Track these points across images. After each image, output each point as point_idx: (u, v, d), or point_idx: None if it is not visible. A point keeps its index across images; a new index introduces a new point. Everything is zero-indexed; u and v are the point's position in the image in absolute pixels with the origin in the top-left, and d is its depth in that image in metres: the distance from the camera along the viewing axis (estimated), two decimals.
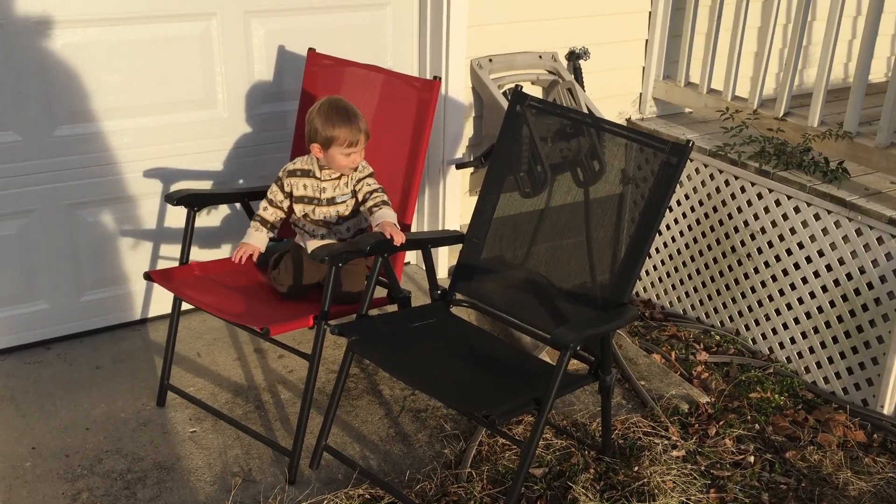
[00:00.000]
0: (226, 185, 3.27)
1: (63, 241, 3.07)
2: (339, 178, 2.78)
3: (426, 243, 2.82)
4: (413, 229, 3.20)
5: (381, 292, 2.78)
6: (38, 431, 2.74)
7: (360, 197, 2.78)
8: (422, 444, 2.78)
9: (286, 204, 2.85)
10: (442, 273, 3.63)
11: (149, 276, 2.77)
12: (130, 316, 3.30)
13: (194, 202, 2.83)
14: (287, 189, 2.83)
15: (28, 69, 2.81)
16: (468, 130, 3.64)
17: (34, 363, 3.07)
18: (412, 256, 3.78)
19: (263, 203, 2.85)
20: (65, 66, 2.87)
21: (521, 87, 2.76)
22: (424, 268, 2.82)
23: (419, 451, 2.75)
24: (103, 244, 3.15)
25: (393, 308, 2.81)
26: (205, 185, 3.22)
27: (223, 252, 3.36)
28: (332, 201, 2.79)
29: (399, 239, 2.59)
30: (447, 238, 2.97)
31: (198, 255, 3.27)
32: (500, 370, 2.58)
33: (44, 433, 2.73)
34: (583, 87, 3.71)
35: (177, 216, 3.24)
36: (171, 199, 2.81)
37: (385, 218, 2.67)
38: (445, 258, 3.70)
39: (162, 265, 3.25)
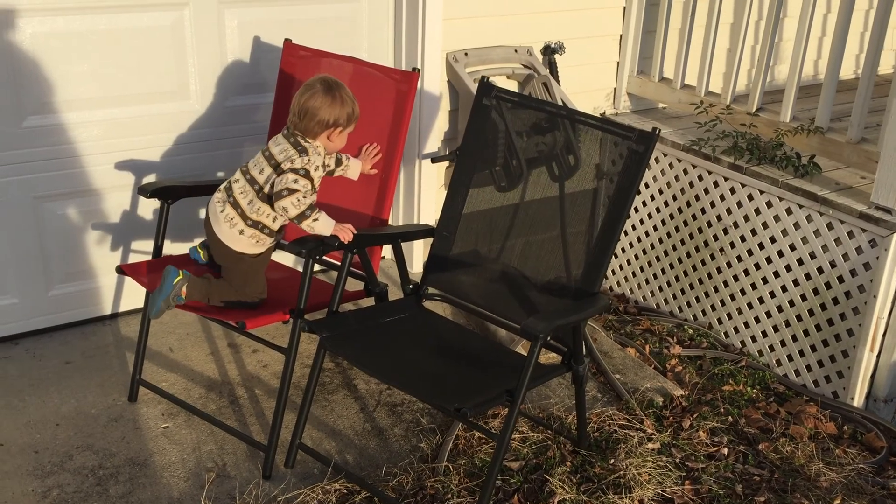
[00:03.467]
0: (199, 177, 3.22)
1: (31, 235, 3.01)
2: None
3: (396, 238, 2.80)
4: (389, 223, 3.18)
5: (356, 286, 2.77)
6: (5, 428, 2.68)
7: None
8: (398, 438, 2.77)
9: None
10: (417, 268, 3.62)
11: (121, 270, 2.72)
12: (101, 310, 3.24)
13: (168, 195, 2.79)
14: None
15: None
16: (443, 124, 3.63)
17: (1, 358, 3.01)
18: (386, 251, 3.76)
19: (304, 193, 2.54)
20: (33, 55, 2.81)
21: (488, 78, 2.75)
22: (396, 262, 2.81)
23: (395, 446, 2.73)
24: (73, 237, 3.10)
25: (370, 302, 2.79)
26: (178, 178, 3.17)
27: (194, 244, 3.32)
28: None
29: (345, 237, 2.55)
30: (418, 232, 2.96)
31: (171, 248, 3.22)
32: (472, 363, 2.58)
33: (11, 429, 2.68)
34: (558, 81, 3.71)
35: (149, 209, 3.20)
36: (145, 191, 2.77)
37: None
38: (421, 253, 3.69)
39: (134, 259, 3.20)
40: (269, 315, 2.57)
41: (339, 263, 2.93)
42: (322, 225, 2.55)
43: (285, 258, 3.31)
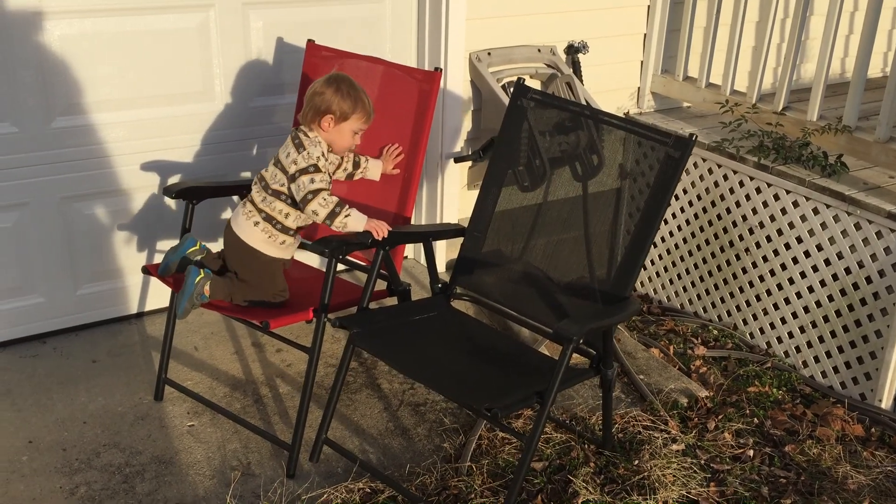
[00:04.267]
0: (224, 177, 3.25)
1: (59, 235, 3.05)
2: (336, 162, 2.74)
3: (427, 236, 2.81)
4: (412, 223, 3.18)
5: (378, 284, 2.77)
6: (34, 425, 2.72)
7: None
8: (421, 437, 2.77)
9: None
10: (441, 268, 3.62)
11: (147, 270, 2.75)
12: (127, 310, 3.27)
13: (193, 195, 2.81)
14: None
15: (25, 60, 2.79)
16: (466, 124, 3.63)
17: (29, 357, 3.05)
18: (409, 250, 3.76)
19: (329, 191, 2.55)
20: (62, 57, 2.85)
21: (524, 79, 2.75)
22: (425, 261, 2.81)
23: (419, 445, 2.74)
24: (99, 237, 3.13)
25: (392, 301, 2.80)
26: (202, 179, 3.20)
27: (220, 245, 3.34)
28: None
29: (380, 234, 2.56)
30: (448, 231, 2.96)
31: None
32: (500, 363, 2.57)
33: (40, 427, 2.71)
34: (581, 81, 3.70)
35: (174, 209, 3.22)
36: (170, 192, 2.79)
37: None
38: (443, 252, 3.69)
39: (159, 259, 3.22)
40: (293, 314, 2.58)
41: (362, 263, 2.95)
42: (354, 221, 2.54)
43: (309, 258, 3.32)
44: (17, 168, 2.89)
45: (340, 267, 2.77)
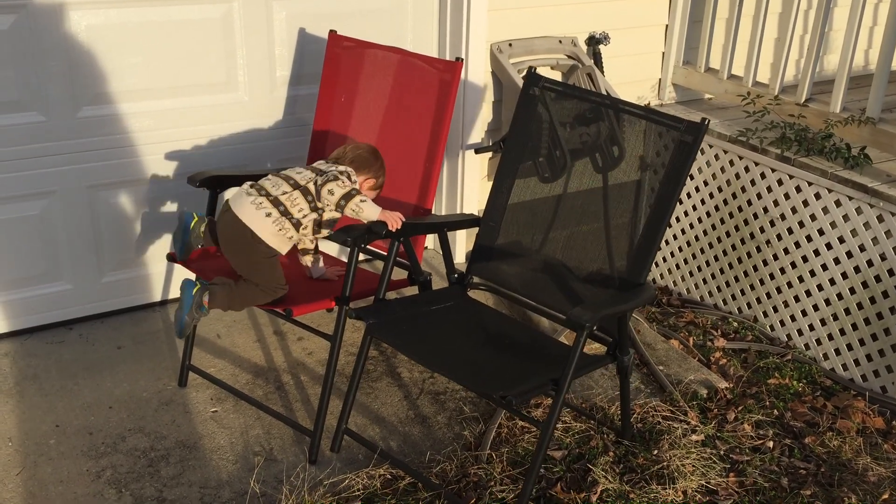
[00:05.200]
0: (247, 167, 3.28)
1: (84, 223, 3.09)
2: None
3: (442, 227, 2.82)
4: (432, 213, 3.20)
5: (399, 274, 2.79)
6: (60, 410, 2.76)
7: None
8: (441, 426, 2.79)
9: None
10: (459, 258, 3.63)
11: (172, 258, 2.79)
12: (151, 297, 3.32)
13: (217, 184, 2.84)
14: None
15: (51, 50, 2.83)
16: (487, 115, 3.64)
17: (56, 343, 3.10)
18: (429, 241, 3.78)
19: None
20: (88, 47, 2.88)
21: (535, 68, 2.75)
22: (441, 251, 2.83)
23: (438, 433, 2.76)
24: (124, 226, 3.17)
25: (412, 291, 2.82)
26: (226, 168, 3.23)
27: None
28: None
29: (394, 225, 2.56)
30: (463, 221, 2.97)
31: None
32: (517, 352, 2.59)
33: (67, 412, 2.76)
34: (602, 72, 3.69)
35: (198, 198, 3.25)
36: (194, 180, 2.82)
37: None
38: (463, 243, 3.70)
39: None
40: (315, 302, 2.61)
41: (383, 253, 2.97)
42: (369, 207, 2.56)
43: (330, 248, 3.35)
44: (44, 157, 2.94)
45: (361, 257, 2.79)
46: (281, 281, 2.61)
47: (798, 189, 3.32)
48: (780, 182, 3.38)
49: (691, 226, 3.81)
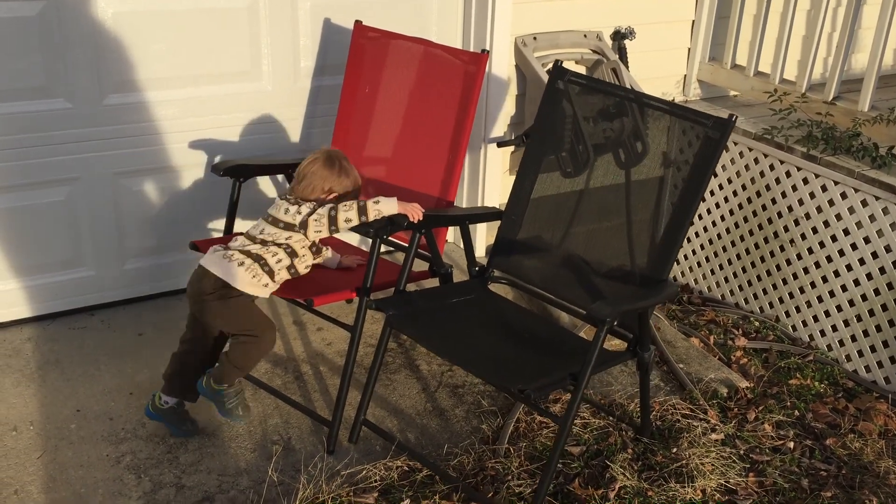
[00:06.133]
0: (270, 156, 3.28)
1: (108, 210, 3.11)
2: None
3: (464, 219, 2.82)
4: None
5: (420, 266, 2.79)
6: (82, 395, 2.79)
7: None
8: (459, 419, 2.79)
9: None
10: (479, 252, 3.62)
11: (195, 246, 2.80)
12: (173, 285, 3.33)
13: (240, 173, 2.85)
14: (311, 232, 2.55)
15: (78, 37, 2.84)
16: (510, 109, 3.63)
17: (78, 329, 3.12)
18: (450, 234, 3.77)
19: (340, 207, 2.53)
20: (114, 34, 2.90)
21: (561, 62, 2.73)
22: (462, 244, 2.82)
23: (456, 426, 2.76)
24: (148, 213, 3.19)
25: (432, 283, 2.81)
26: (249, 157, 3.23)
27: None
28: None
29: (415, 216, 2.55)
30: (486, 214, 2.96)
31: (242, 226, 3.28)
32: (537, 346, 2.58)
33: (88, 397, 2.78)
34: (627, 67, 3.67)
35: (221, 187, 3.26)
36: (217, 169, 2.83)
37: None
38: (483, 237, 3.69)
39: (206, 236, 3.27)
40: (336, 293, 2.61)
41: (404, 244, 2.96)
42: (385, 203, 2.53)
43: (351, 238, 3.35)
44: (69, 143, 2.95)
45: (383, 249, 2.79)
46: (267, 320, 2.56)
47: (824, 188, 3.28)
48: (805, 181, 3.35)
49: (714, 223, 3.78)
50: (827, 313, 3.36)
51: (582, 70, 3.69)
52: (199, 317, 2.58)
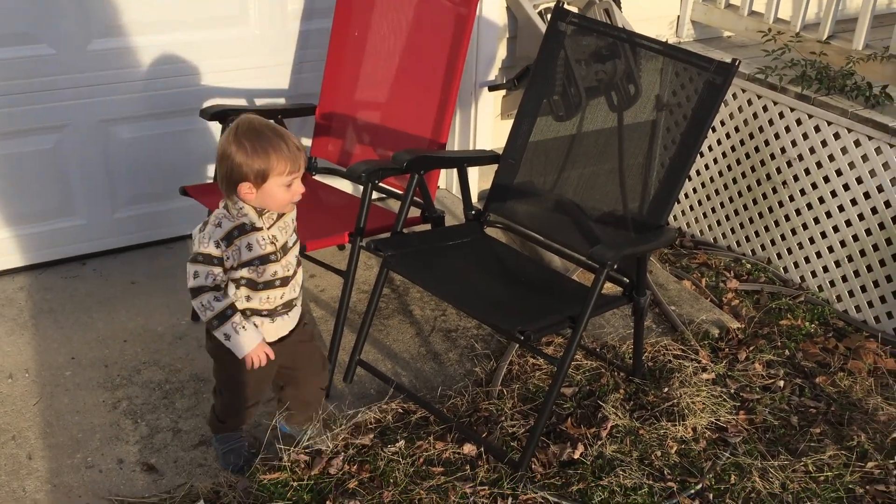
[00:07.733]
0: (258, 102, 3.25)
1: (97, 157, 3.08)
2: (279, 217, 2.09)
3: (462, 162, 2.80)
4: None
5: (412, 211, 2.78)
6: (76, 343, 2.79)
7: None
8: (452, 362, 2.81)
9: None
10: (473, 198, 3.60)
11: (185, 191, 2.78)
12: (165, 234, 3.32)
13: (228, 117, 2.82)
14: (227, 263, 2.04)
15: None
16: (501, 52, 3.58)
17: (70, 278, 3.12)
18: (442, 180, 3.76)
19: (216, 294, 2.05)
20: None
21: (563, 3, 2.69)
22: (459, 187, 2.81)
23: (450, 369, 2.78)
24: (138, 161, 3.16)
25: (423, 229, 2.81)
26: (237, 102, 3.20)
27: None
28: (286, 248, 2.11)
29: (251, 363, 2.11)
30: (484, 157, 2.94)
31: None
32: (533, 289, 2.59)
33: (82, 345, 2.79)
34: (620, 7, 3.61)
35: (210, 133, 3.24)
36: (206, 113, 2.80)
37: None
38: (476, 183, 3.68)
39: (197, 182, 3.24)
40: (329, 237, 2.61)
41: (396, 191, 2.96)
42: (237, 340, 2.05)
43: (344, 185, 3.33)
44: (54, 90, 2.91)
45: (375, 195, 2.78)
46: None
47: (817, 129, 3.27)
48: (798, 122, 3.33)
49: (706, 167, 3.77)
50: (818, 254, 3.37)
51: (573, 10, 3.63)
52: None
